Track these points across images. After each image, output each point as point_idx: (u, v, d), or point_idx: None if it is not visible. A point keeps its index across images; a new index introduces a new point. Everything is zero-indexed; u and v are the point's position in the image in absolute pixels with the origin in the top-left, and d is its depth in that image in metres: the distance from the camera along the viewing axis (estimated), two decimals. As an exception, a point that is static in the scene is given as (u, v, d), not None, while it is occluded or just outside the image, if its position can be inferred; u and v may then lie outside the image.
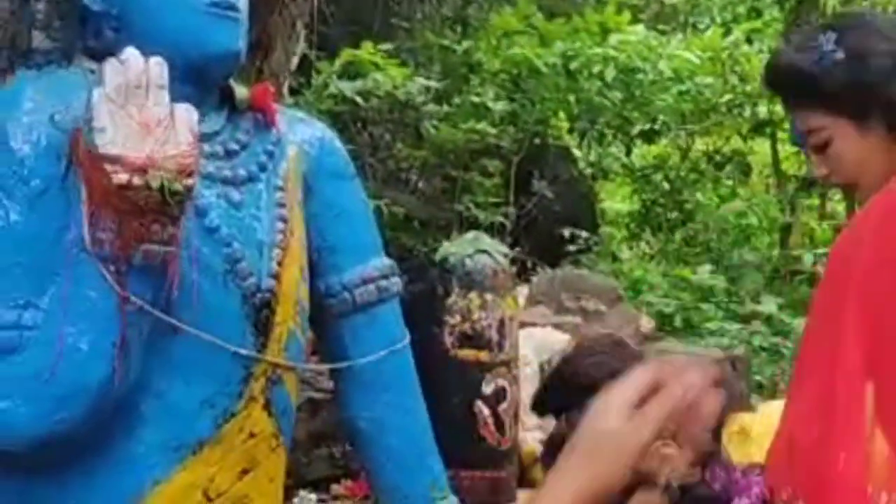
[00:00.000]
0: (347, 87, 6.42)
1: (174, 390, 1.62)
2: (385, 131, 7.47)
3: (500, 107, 7.37)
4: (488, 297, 2.37)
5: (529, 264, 6.81)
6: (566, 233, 7.63)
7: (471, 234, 2.44)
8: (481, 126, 7.15)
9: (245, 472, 1.70)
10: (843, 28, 1.97)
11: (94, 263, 1.48)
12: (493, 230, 6.26)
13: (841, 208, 8.54)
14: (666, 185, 9.18)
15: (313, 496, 2.39)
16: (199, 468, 1.65)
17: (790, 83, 2.01)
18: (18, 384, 1.50)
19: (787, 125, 8.21)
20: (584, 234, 7.73)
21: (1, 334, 1.51)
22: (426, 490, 1.89)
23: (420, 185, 7.67)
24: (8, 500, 1.66)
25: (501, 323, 2.39)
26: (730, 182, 9.42)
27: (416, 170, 7.58)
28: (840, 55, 1.96)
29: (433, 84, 7.01)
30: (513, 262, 6.16)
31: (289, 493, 2.26)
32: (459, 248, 2.38)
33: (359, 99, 6.52)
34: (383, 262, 1.90)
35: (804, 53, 1.97)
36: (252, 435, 1.70)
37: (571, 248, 7.67)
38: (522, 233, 7.22)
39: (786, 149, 8.68)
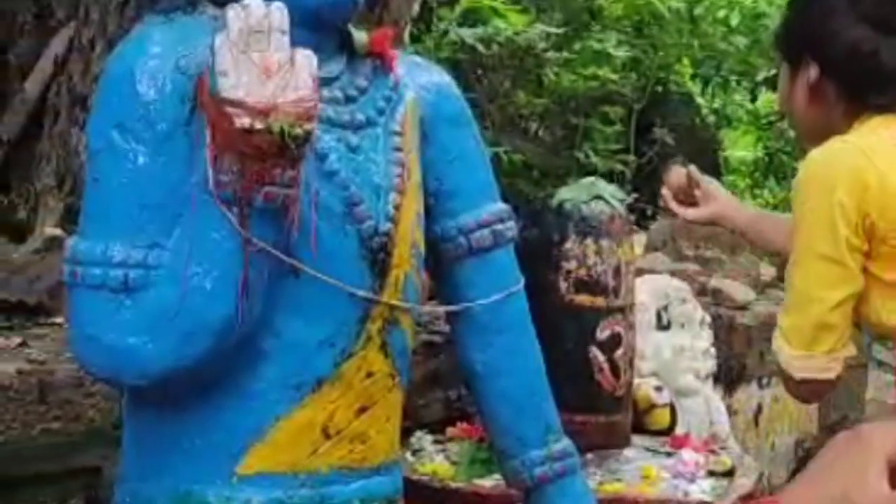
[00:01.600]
0: (468, 34, 6.41)
1: (294, 329, 1.66)
2: (505, 78, 7.43)
3: (621, 53, 7.28)
4: (604, 243, 2.37)
5: (649, 212, 6.76)
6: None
7: (587, 180, 2.43)
8: (602, 73, 7.08)
9: (363, 410, 1.74)
10: None
11: (217, 205, 1.53)
12: (613, 178, 6.22)
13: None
14: (791, 133, 9.00)
15: (429, 437, 2.43)
16: (318, 405, 1.69)
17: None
18: (145, 321, 1.56)
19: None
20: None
21: (129, 273, 1.57)
22: (540, 432, 1.91)
23: (540, 132, 7.63)
24: (136, 433, 1.74)
25: (617, 269, 2.39)
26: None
27: (536, 117, 7.54)
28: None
29: (554, 30, 6.95)
30: (632, 209, 6.12)
31: (406, 433, 2.30)
32: (576, 193, 2.38)
33: (479, 46, 6.51)
34: (499, 206, 1.92)
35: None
36: (369, 374, 1.74)
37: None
38: (643, 181, 7.16)
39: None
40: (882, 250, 1.99)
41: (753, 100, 8.92)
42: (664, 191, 2.36)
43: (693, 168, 2.36)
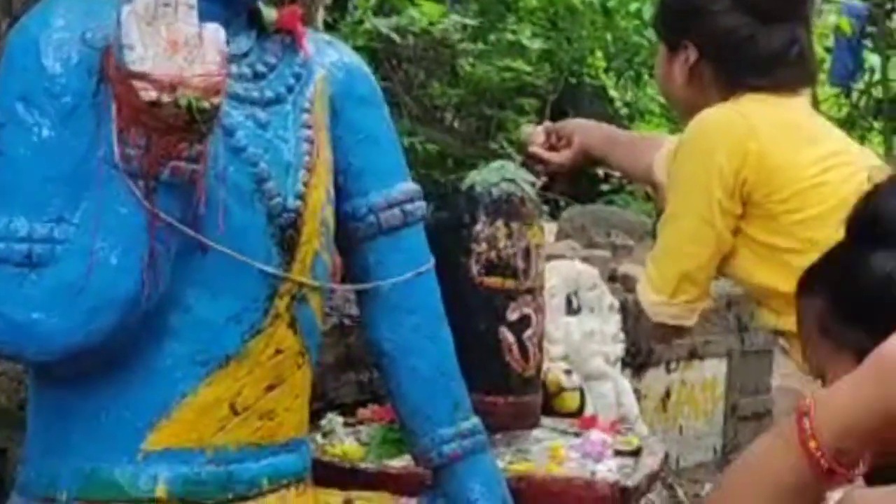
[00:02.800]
0: (382, 24, 6.40)
1: (201, 305, 1.66)
2: (420, 69, 7.45)
3: (536, 45, 7.32)
4: (514, 225, 2.39)
5: (562, 203, 6.81)
6: (600, 172, 7.61)
7: (498, 163, 2.44)
8: (517, 64, 7.11)
9: (271, 387, 1.74)
10: None
11: (123, 180, 1.52)
12: (527, 169, 6.24)
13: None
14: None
15: (340, 419, 2.43)
16: (225, 382, 1.69)
17: None
18: (50, 296, 1.54)
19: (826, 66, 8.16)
20: (618, 172, 7.71)
21: (33, 247, 1.55)
22: (449, 411, 1.92)
23: (455, 123, 7.66)
24: (41, 410, 1.72)
25: (527, 251, 2.41)
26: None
27: (451, 108, 7.56)
28: None
29: (469, 21, 6.97)
30: (546, 201, 6.16)
31: (317, 415, 2.30)
32: (486, 176, 2.39)
33: (394, 35, 6.51)
34: (409, 185, 1.92)
35: None
36: (278, 351, 1.74)
37: (605, 187, 7.66)
38: (556, 172, 7.20)
39: (825, 90, 8.60)
40: (756, 213, 2.09)
41: (666, 94, 9.02)
42: (532, 148, 2.45)
43: (547, 123, 2.47)
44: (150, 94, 1.47)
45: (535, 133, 2.48)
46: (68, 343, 1.56)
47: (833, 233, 2.05)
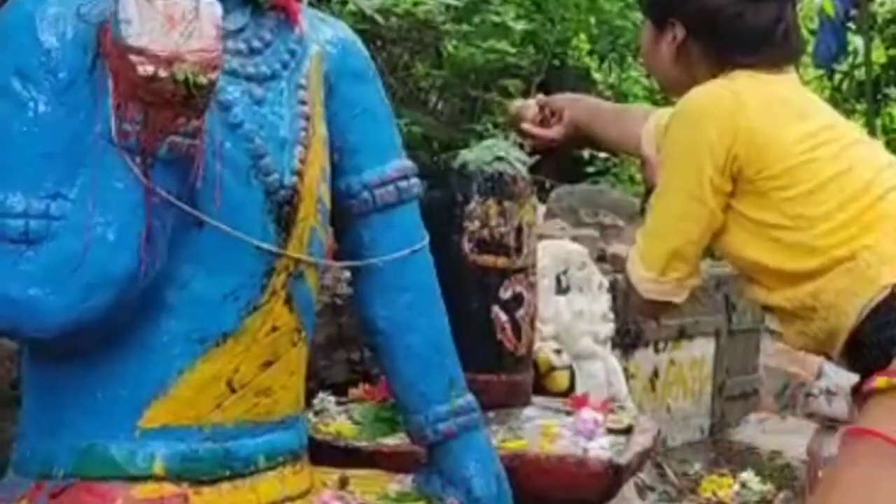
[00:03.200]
0: (366, 5, 6.37)
1: (198, 282, 1.66)
2: (404, 51, 7.43)
3: (520, 26, 7.31)
4: (507, 204, 2.39)
5: (548, 185, 6.81)
6: (585, 154, 7.61)
7: (490, 142, 2.45)
8: (501, 46, 7.10)
9: (267, 364, 1.73)
10: None
11: (120, 155, 1.51)
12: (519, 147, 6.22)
13: None
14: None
15: (332, 398, 2.43)
16: (222, 359, 1.68)
17: None
18: (47, 272, 1.53)
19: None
20: (603, 155, 7.71)
21: (30, 223, 1.54)
22: (444, 388, 1.92)
23: (439, 105, 7.64)
24: (36, 387, 1.71)
25: (519, 230, 2.41)
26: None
27: (436, 90, 7.55)
28: None
29: (453, 2, 6.95)
30: (533, 182, 6.16)
31: (309, 394, 2.29)
32: (479, 155, 2.39)
33: (378, 17, 6.48)
34: (403, 163, 1.92)
35: None
36: (274, 328, 1.73)
37: (590, 169, 7.66)
38: (541, 154, 7.19)
39: (808, 72, 8.63)
40: (747, 189, 2.10)
41: (650, 76, 9.02)
42: (524, 125, 2.44)
43: (539, 96, 2.46)
44: (147, 69, 1.46)
45: (525, 106, 2.46)
46: (65, 319, 1.55)
47: (823, 209, 2.07)
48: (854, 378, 2.06)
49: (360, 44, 1.93)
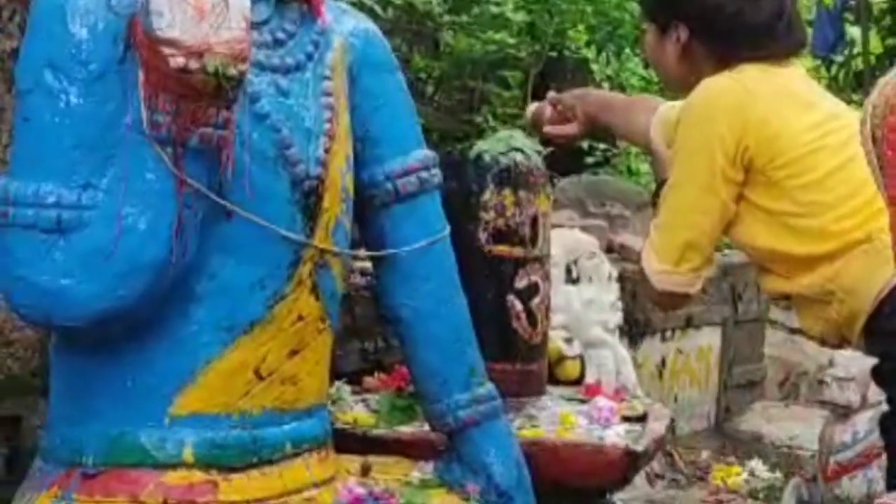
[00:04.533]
0: (365, -5, 6.36)
1: (227, 272, 1.67)
2: (402, 42, 7.43)
3: (519, 17, 7.31)
4: (522, 193, 2.40)
5: (552, 176, 6.81)
6: (584, 145, 7.61)
7: (505, 132, 2.46)
8: (500, 37, 7.10)
9: (294, 352, 1.75)
10: None
11: (151, 146, 1.53)
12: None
13: None
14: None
15: (347, 387, 2.44)
16: (250, 347, 1.70)
17: None
18: (79, 262, 1.55)
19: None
20: (602, 145, 7.72)
21: (62, 213, 1.56)
22: (465, 376, 1.94)
23: (437, 96, 7.65)
24: (66, 376, 1.72)
25: (534, 220, 2.43)
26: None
27: (434, 81, 7.55)
28: None
29: (452, -7, 6.95)
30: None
31: (326, 384, 2.30)
32: (494, 145, 2.41)
33: (377, 8, 6.48)
34: (424, 153, 1.94)
35: None
36: (300, 317, 1.75)
37: (589, 160, 7.66)
38: (540, 145, 7.19)
39: (805, 62, 8.63)
40: (759, 179, 2.12)
41: (647, 66, 9.03)
42: (546, 128, 2.45)
43: (550, 94, 2.47)
44: (178, 61, 1.48)
45: (541, 109, 2.47)
46: (96, 309, 1.56)
47: (835, 194, 2.09)
48: (868, 363, 2.08)
49: (381, 35, 1.94)
